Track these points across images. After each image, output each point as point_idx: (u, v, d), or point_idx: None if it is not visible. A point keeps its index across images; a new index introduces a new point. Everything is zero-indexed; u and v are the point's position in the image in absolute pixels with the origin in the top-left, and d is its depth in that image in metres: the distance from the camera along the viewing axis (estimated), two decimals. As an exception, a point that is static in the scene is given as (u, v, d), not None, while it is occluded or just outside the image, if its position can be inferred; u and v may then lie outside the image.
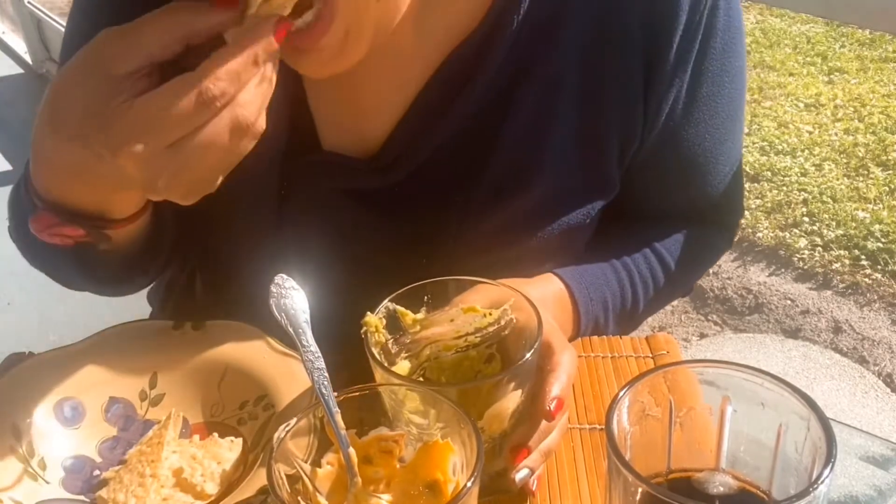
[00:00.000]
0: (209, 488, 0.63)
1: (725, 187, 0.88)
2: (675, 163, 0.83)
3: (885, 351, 2.27)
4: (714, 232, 0.93)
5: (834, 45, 4.05)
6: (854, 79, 3.73)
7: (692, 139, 0.81)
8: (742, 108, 0.87)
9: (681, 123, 0.80)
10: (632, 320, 0.88)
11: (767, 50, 4.05)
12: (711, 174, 0.86)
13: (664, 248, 0.87)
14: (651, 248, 0.87)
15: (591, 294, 0.81)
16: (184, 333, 0.74)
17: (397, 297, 0.64)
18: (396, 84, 0.76)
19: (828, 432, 0.45)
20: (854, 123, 3.34)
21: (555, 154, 0.77)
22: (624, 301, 0.84)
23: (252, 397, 0.70)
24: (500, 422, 0.60)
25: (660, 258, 0.87)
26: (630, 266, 0.85)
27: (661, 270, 0.87)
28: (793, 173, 3.03)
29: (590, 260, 0.84)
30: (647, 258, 0.86)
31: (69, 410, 0.70)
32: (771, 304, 2.47)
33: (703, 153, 0.83)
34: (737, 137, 0.87)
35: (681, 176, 0.85)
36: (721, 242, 0.95)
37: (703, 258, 0.94)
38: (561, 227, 0.79)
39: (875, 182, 2.96)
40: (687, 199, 0.88)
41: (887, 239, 2.66)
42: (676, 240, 0.88)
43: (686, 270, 0.90)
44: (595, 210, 0.81)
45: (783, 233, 2.75)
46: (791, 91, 3.64)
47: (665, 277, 0.87)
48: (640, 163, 0.81)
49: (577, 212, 0.80)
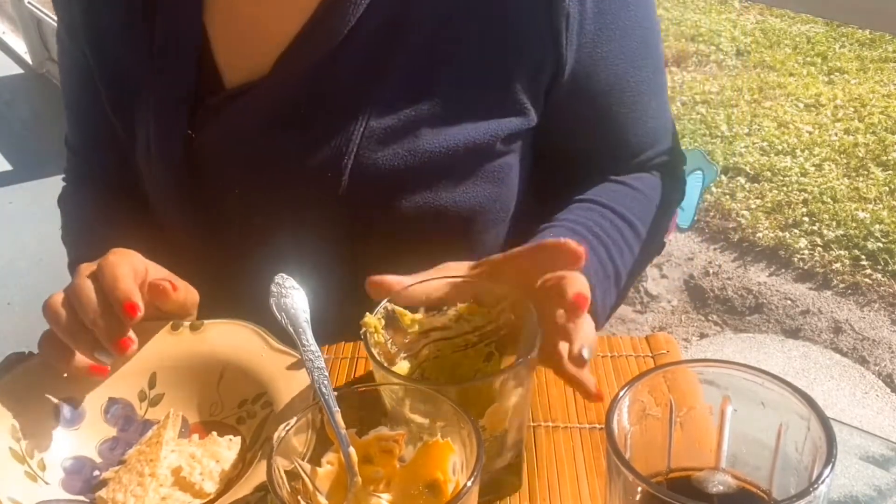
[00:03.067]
0: (208, 487, 0.63)
1: (657, 127, 0.89)
2: (598, 88, 0.83)
3: (886, 351, 2.27)
4: (660, 179, 0.93)
5: (834, 46, 4.06)
6: (854, 79, 3.73)
7: (608, 58, 0.82)
8: (656, 38, 0.89)
9: (593, 42, 0.80)
10: (619, 287, 0.84)
11: (767, 50, 4.05)
12: (636, 103, 0.86)
13: (619, 204, 0.86)
14: (608, 209, 0.85)
15: None
16: (182, 333, 0.75)
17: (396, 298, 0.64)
18: (290, 14, 0.79)
19: (828, 432, 0.45)
20: (854, 123, 3.34)
21: (452, 68, 0.78)
22: (605, 269, 0.81)
23: (251, 396, 0.70)
24: (501, 421, 0.60)
25: (619, 215, 0.85)
26: (598, 233, 0.83)
27: (626, 228, 0.85)
28: (793, 173, 3.03)
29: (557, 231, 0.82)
30: (605, 217, 0.85)
31: (69, 411, 0.70)
32: (771, 304, 2.47)
33: (622, 75, 0.83)
34: (656, 68, 0.88)
35: (607, 105, 0.85)
36: (671, 190, 0.94)
37: (660, 205, 0.92)
38: (466, 141, 0.79)
39: (875, 182, 2.96)
40: (621, 139, 0.88)
41: (887, 239, 2.66)
42: (625, 193, 0.88)
43: (647, 221, 0.89)
44: (502, 131, 0.80)
45: (783, 233, 2.75)
46: (791, 91, 3.64)
47: (633, 234, 0.86)
48: (565, 98, 0.82)
49: (481, 125, 0.79)
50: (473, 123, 0.79)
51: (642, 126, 0.88)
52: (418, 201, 0.79)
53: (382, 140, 0.78)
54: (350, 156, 0.78)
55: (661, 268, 2.67)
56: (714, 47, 4.10)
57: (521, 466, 0.65)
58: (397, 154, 0.79)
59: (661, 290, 2.58)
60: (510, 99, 0.80)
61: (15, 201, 2.98)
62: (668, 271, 2.66)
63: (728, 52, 4.05)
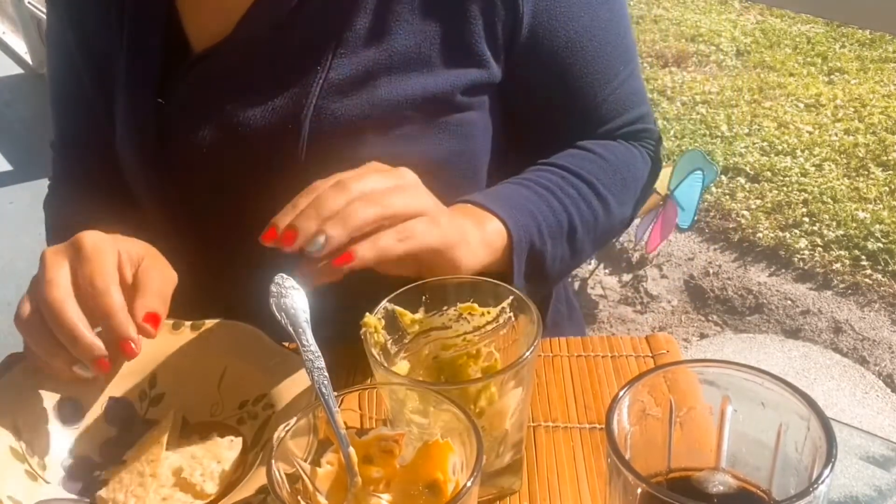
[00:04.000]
0: (208, 488, 0.63)
1: (627, 94, 0.89)
2: (558, 43, 0.83)
3: (886, 351, 2.27)
4: (630, 149, 0.92)
5: (834, 46, 4.05)
6: (854, 79, 3.73)
7: (568, 13, 0.82)
8: (621, 4, 0.89)
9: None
10: (574, 243, 0.84)
11: (767, 50, 4.05)
12: (600, 63, 0.86)
13: (578, 167, 0.86)
14: (566, 170, 0.85)
15: (513, 206, 0.79)
16: (182, 333, 0.74)
17: (395, 298, 0.64)
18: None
19: (828, 432, 0.45)
20: (854, 124, 3.34)
21: (409, 20, 0.79)
22: (558, 218, 0.81)
23: (252, 397, 0.70)
24: (501, 421, 0.60)
25: (577, 175, 0.85)
26: (550, 186, 0.83)
27: (584, 187, 0.85)
28: (793, 173, 3.03)
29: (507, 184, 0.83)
30: (562, 177, 0.84)
31: (69, 410, 0.70)
32: (771, 305, 2.47)
33: (583, 32, 0.84)
34: (622, 32, 0.88)
35: (569, 63, 0.84)
36: (641, 162, 0.93)
37: (627, 173, 0.91)
38: (424, 91, 0.80)
39: (875, 182, 2.96)
40: (588, 102, 0.88)
41: (887, 239, 2.66)
42: (587, 157, 0.88)
43: (610, 186, 0.88)
44: (461, 82, 0.81)
45: (783, 233, 2.75)
46: (791, 91, 3.64)
47: (591, 192, 0.85)
48: (526, 54, 0.82)
49: (440, 76, 0.80)
50: (431, 73, 0.80)
51: (610, 90, 0.88)
52: (379, 154, 0.76)
53: (341, 91, 0.79)
54: (309, 107, 0.79)
55: (661, 268, 2.67)
56: (714, 47, 4.10)
57: (520, 466, 0.65)
58: (356, 104, 0.79)
59: (661, 290, 2.58)
60: (468, 50, 0.81)
61: (15, 201, 2.98)
62: (668, 271, 2.66)
63: (728, 52, 4.05)
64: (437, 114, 0.82)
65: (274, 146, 0.81)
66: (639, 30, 4.28)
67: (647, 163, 0.95)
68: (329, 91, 0.79)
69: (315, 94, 0.79)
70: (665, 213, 2.39)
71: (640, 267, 2.66)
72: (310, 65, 0.80)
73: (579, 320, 1.09)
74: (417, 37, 0.80)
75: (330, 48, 0.80)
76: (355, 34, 0.80)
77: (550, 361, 0.78)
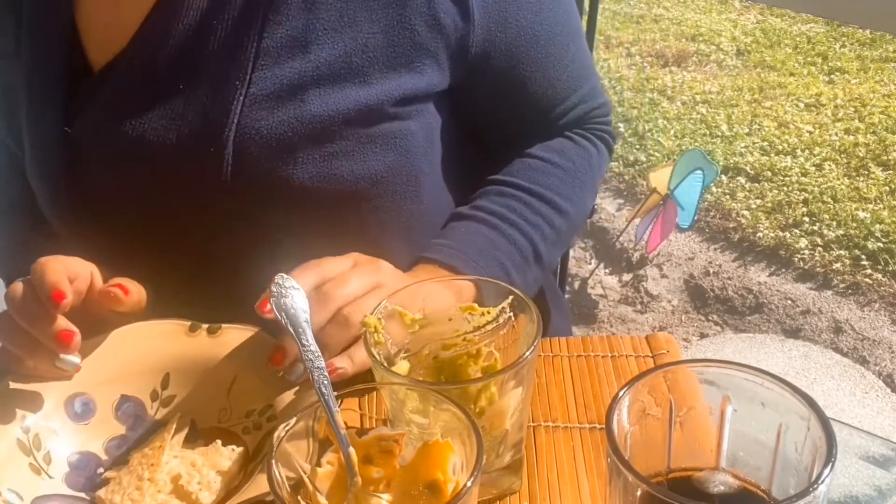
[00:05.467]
0: (204, 497, 0.63)
1: (577, 69, 0.89)
2: (511, 36, 0.82)
3: (886, 351, 2.27)
4: (585, 143, 0.93)
5: (834, 45, 4.05)
6: (854, 79, 3.73)
7: (517, 4, 0.81)
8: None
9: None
10: (541, 264, 0.87)
11: (768, 50, 4.05)
12: (553, 46, 0.85)
13: (539, 183, 0.87)
14: (528, 191, 0.86)
15: (480, 257, 0.80)
16: (198, 336, 0.74)
17: (395, 298, 0.64)
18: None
19: (828, 432, 0.45)
20: (854, 123, 3.34)
21: (336, 27, 0.74)
22: (523, 253, 0.83)
23: (259, 406, 0.70)
24: (501, 421, 0.60)
25: (539, 196, 0.86)
26: (514, 219, 0.84)
27: (547, 207, 0.86)
28: (793, 173, 3.03)
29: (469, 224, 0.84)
30: (527, 204, 0.86)
31: (80, 406, 0.70)
32: (771, 304, 2.47)
33: (532, 19, 0.83)
34: (568, 10, 0.88)
35: (526, 52, 0.84)
36: (595, 154, 0.94)
37: (584, 171, 0.93)
38: (357, 103, 0.75)
39: (875, 182, 2.96)
40: (545, 90, 0.88)
41: (888, 239, 2.66)
42: (548, 171, 0.88)
43: (573, 195, 0.90)
44: (397, 92, 0.77)
45: (783, 233, 2.75)
46: (791, 91, 3.64)
47: (550, 209, 0.87)
48: (481, 54, 0.81)
49: (374, 88, 0.76)
50: (365, 84, 0.75)
51: (563, 69, 0.88)
52: (312, 171, 0.75)
53: (266, 106, 0.74)
54: (231, 126, 0.73)
55: (662, 267, 2.67)
56: (714, 47, 4.10)
57: (520, 466, 0.65)
58: (283, 121, 0.74)
59: (662, 290, 2.58)
60: (406, 57, 0.76)
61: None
62: (668, 271, 2.66)
63: (728, 51, 4.05)
64: (372, 127, 0.77)
65: (196, 169, 0.75)
66: (639, 29, 4.28)
67: (601, 154, 0.95)
68: (252, 107, 0.73)
69: (237, 111, 0.73)
70: (665, 213, 2.39)
71: (640, 267, 2.66)
72: (227, 79, 0.74)
73: (566, 311, 1.10)
74: (347, 45, 0.75)
75: (248, 60, 0.73)
76: (277, 43, 0.74)
77: (550, 361, 0.78)
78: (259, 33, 0.73)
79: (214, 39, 0.74)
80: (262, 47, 0.73)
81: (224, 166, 0.74)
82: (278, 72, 0.74)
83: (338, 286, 0.69)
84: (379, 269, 0.73)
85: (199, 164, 0.74)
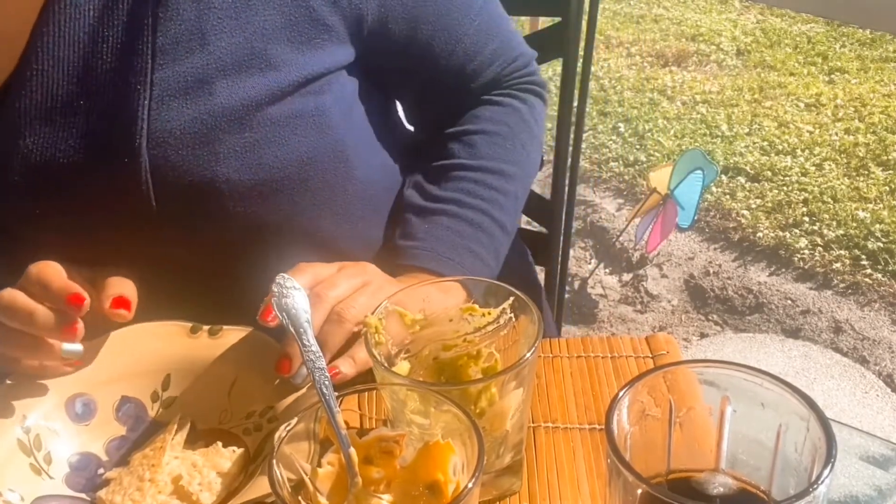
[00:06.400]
0: (205, 498, 0.63)
1: (485, 35, 0.88)
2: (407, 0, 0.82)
3: (886, 351, 2.27)
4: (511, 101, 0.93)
5: (834, 45, 4.05)
6: (854, 79, 3.72)
7: None
8: None
9: None
10: (506, 233, 0.89)
11: (768, 50, 4.05)
12: (454, 9, 0.85)
13: (482, 156, 0.88)
14: (472, 169, 0.88)
15: (455, 258, 0.82)
16: (200, 337, 0.74)
17: (396, 299, 0.64)
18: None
19: (828, 432, 0.45)
20: (854, 123, 3.34)
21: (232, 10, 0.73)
22: (492, 235, 0.85)
23: (259, 408, 0.70)
24: (502, 421, 0.60)
25: (488, 170, 0.88)
26: (468, 200, 0.86)
27: (495, 178, 0.88)
28: (793, 173, 3.03)
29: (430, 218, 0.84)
30: (476, 181, 0.87)
31: (81, 406, 0.70)
32: (771, 304, 2.47)
33: None
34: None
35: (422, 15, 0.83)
36: (526, 111, 0.94)
37: (522, 130, 0.93)
38: (269, 88, 0.74)
39: (875, 182, 2.96)
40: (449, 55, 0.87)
41: (888, 239, 2.66)
42: (485, 141, 0.89)
43: (517, 155, 0.91)
44: (306, 70, 0.75)
45: (783, 233, 2.75)
46: (791, 91, 3.64)
47: (501, 180, 0.88)
48: (378, 24, 0.80)
49: (281, 71, 0.74)
50: (271, 69, 0.74)
51: (470, 24, 0.86)
52: (235, 164, 0.73)
53: (174, 106, 0.71)
54: (142, 133, 0.70)
55: (662, 267, 2.67)
56: (714, 47, 4.09)
57: (521, 467, 0.65)
58: (195, 118, 0.71)
59: (662, 290, 2.58)
60: (308, 34, 0.75)
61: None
62: (668, 271, 2.66)
63: (728, 51, 4.05)
64: (286, 109, 0.76)
65: (115, 183, 0.72)
66: (639, 29, 4.28)
67: (532, 107, 0.95)
68: (160, 109, 0.71)
69: (144, 116, 0.70)
70: (665, 213, 2.39)
71: (640, 266, 2.66)
72: (127, 85, 0.71)
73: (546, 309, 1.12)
74: (246, 31, 0.73)
75: (146, 62, 0.71)
76: (172, 40, 0.71)
77: (550, 362, 0.78)
78: (152, 32, 0.71)
79: (107, 47, 0.71)
80: (157, 47, 0.71)
81: (142, 175, 0.71)
82: (179, 68, 0.71)
83: (328, 287, 0.71)
84: (364, 270, 0.75)
85: (116, 179, 0.72)
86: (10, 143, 0.73)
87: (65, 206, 0.75)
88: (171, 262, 0.77)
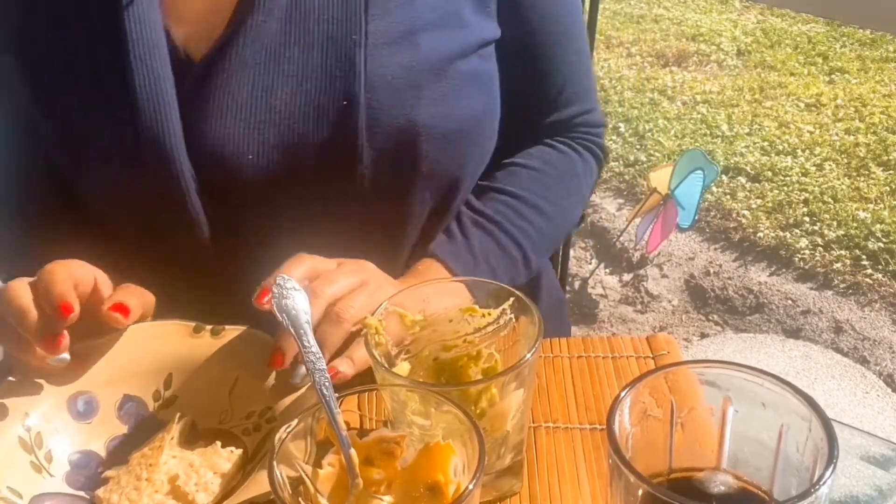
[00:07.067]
0: (200, 498, 0.63)
1: (575, 75, 0.92)
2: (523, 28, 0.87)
3: (886, 351, 2.27)
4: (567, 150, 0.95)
5: (835, 45, 4.05)
6: (855, 79, 3.73)
7: None
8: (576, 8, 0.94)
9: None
10: (528, 268, 0.90)
11: (768, 50, 4.05)
12: (561, 33, 0.90)
13: (523, 189, 0.90)
14: (512, 195, 0.89)
15: (474, 261, 0.84)
16: (202, 337, 0.74)
17: (396, 299, 0.64)
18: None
19: (829, 433, 0.45)
20: (855, 123, 3.34)
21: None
22: (511, 258, 0.87)
23: (259, 408, 0.70)
24: (502, 422, 0.60)
25: (524, 201, 0.89)
26: (500, 221, 0.88)
27: (532, 212, 0.89)
28: (793, 173, 3.03)
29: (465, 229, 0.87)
30: (512, 207, 0.89)
31: (83, 405, 0.70)
32: (772, 304, 2.47)
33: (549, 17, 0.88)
34: (578, 21, 0.93)
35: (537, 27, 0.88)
36: (580, 163, 0.96)
37: (570, 178, 0.95)
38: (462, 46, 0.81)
39: (876, 182, 2.96)
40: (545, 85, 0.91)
41: (888, 239, 2.66)
42: (522, 174, 0.91)
43: (556, 199, 0.93)
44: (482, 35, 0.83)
45: (784, 233, 2.75)
46: (792, 91, 3.64)
47: (540, 217, 0.90)
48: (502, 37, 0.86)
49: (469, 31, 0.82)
50: (462, 28, 0.81)
51: (568, 56, 0.91)
52: (433, 111, 0.79)
53: (384, 55, 0.77)
54: (360, 79, 0.76)
55: (662, 267, 2.67)
56: (715, 47, 4.10)
57: (521, 468, 0.65)
58: (403, 66, 0.78)
59: (662, 290, 2.58)
60: (481, 3, 0.83)
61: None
62: (668, 271, 2.66)
63: (729, 51, 4.05)
64: (470, 67, 0.82)
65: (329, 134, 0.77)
66: (639, 29, 4.28)
67: (587, 163, 0.97)
68: (373, 56, 0.76)
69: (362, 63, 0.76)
70: (665, 213, 2.39)
71: (640, 266, 2.66)
72: (344, 36, 0.76)
73: (563, 313, 1.11)
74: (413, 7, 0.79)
75: (359, 15, 0.76)
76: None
77: (551, 362, 0.78)
78: None
79: (322, 2, 0.77)
80: (370, 1, 0.77)
81: (359, 115, 0.76)
82: (390, 21, 0.78)
83: (325, 284, 0.70)
84: (363, 268, 0.74)
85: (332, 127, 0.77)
86: (228, 94, 0.77)
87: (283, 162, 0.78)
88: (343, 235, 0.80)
